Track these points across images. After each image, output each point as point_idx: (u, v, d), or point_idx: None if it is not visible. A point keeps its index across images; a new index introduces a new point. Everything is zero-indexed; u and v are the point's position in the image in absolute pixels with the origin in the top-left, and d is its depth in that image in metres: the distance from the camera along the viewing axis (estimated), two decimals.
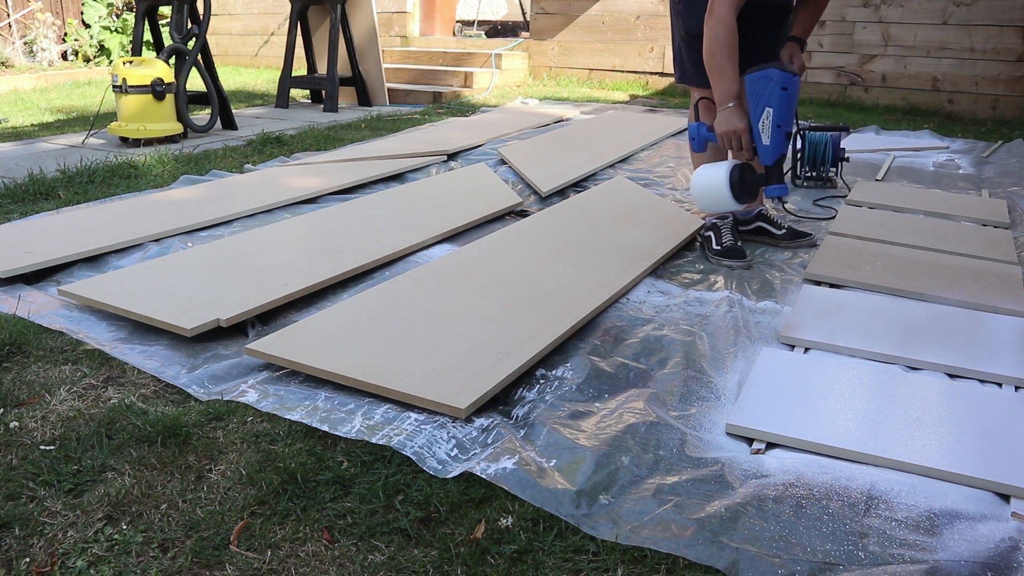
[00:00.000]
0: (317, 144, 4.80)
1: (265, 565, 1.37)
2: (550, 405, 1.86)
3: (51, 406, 1.82)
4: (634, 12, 7.54)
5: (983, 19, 6.05)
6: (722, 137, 2.53)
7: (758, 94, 2.42)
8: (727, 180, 2.50)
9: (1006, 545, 1.41)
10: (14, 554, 1.38)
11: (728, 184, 2.49)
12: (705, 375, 2.04)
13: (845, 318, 2.31)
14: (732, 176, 2.50)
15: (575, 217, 3.18)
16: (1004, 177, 4.27)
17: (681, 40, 2.92)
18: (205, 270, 2.52)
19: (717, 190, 2.52)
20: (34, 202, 3.44)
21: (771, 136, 2.43)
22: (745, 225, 3.12)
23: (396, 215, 3.19)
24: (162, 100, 4.70)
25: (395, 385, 1.84)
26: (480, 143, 4.78)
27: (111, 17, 9.61)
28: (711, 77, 2.56)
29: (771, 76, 2.39)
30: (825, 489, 1.57)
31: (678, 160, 4.51)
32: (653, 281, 2.66)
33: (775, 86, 2.39)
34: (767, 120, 2.41)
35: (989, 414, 1.80)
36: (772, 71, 2.39)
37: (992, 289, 2.55)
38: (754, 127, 2.46)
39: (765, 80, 2.40)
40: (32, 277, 2.61)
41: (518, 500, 1.52)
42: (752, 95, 2.44)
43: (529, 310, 2.26)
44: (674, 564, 1.38)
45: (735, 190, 2.50)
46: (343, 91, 6.70)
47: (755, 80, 2.42)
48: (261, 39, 9.59)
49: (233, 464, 1.63)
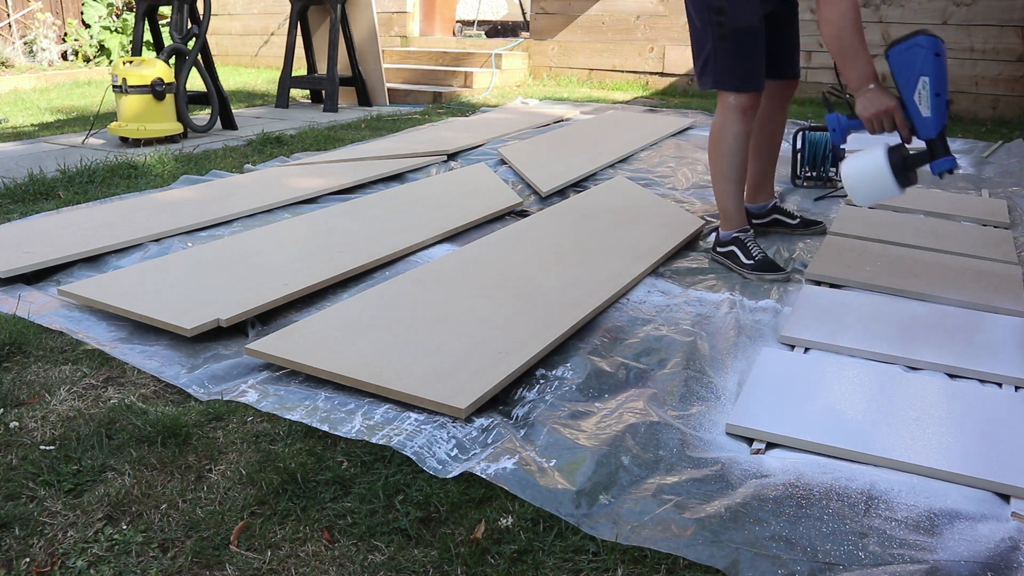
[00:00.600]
0: (317, 144, 4.80)
1: (265, 565, 1.37)
2: (550, 405, 1.86)
3: (51, 406, 1.82)
4: (634, 12, 7.54)
5: (983, 19, 6.05)
6: (871, 120, 2.33)
7: (909, 64, 2.24)
8: (888, 165, 2.28)
9: (1006, 545, 1.41)
10: (14, 554, 1.38)
11: (890, 169, 2.29)
12: (705, 375, 2.04)
13: (845, 318, 2.31)
14: (893, 159, 2.28)
15: (575, 217, 3.18)
16: (1004, 177, 4.27)
17: (718, 41, 2.64)
18: (205, 270, 2.52)
19: (878, 178, 2.31)
20: (34, 202, 3.44)
21: (931, 106, 2.25)
22: (761, 218, 3.14)
23: (396, 215, 3.19)
24: (162, 100, 4.70)
25: (395, 385, 1.84)
26: (480, 143, 4.78)
27: (111, 17, 9.61)
28: (842, 60, 2.36)
29: (921, 43, 2.22)
30: (825, 489, 1.57)
31: (678, 160, 4.51)
32: (653, 281, 2.66)
33: (928, 52, 2.22)
34: (924, 90, 2.24)
35: (989, 414, 1.80)
36: (920, 38, 2.22)
37: (992, 289, 2.54)
38: (908, 101, 2.27)
39: (916, 48, 2.23)
40: (32, 277, 2.61)
41: (518, 500, 1.52)
42: (902, 67, 2.26)
43: (529, 310, 2.26)
44: (674, 564, 1.38)
45: (898, 174, 2.29)
46: (343, 91, 6.70)
47: (904, 51, 2.25)
48: (261, 39, 9.59)
49: (233, 464, 1.63)
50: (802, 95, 6.70)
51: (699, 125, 5.66)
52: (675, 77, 7.44)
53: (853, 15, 2.33)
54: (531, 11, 8.12)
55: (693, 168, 4.31)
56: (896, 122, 2.31)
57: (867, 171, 2.33)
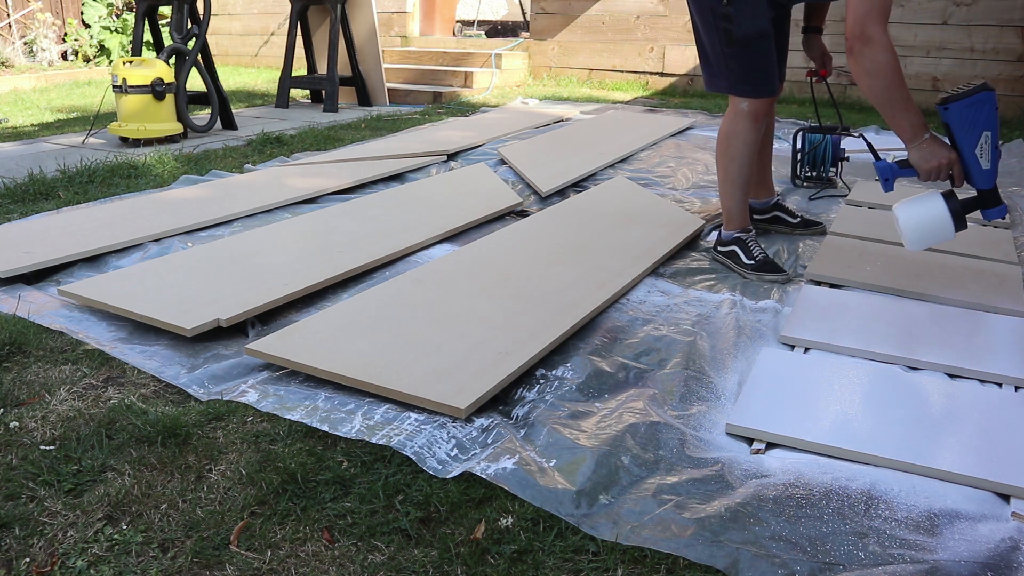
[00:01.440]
0: (317, 144, 4.80)
1: (265, 565, 1.37)
2: (550, 405, 1.86)
3: (51, 406, 1.82)
4: (634, 12, 7.55)
5: (983, 19, 6.05)
6: (930, 171, 2.31)
7: (973, 119, 2.28)
8: (949, 213, 2.31)
9: (1006, 545, 1.41)
10: (14, 554, 1.38)
11: (952, 217, 2.32)
12: (705, 375, 2.04)
13: (845, 318, 2.31)
14: (953, 207, 2.31)
15: (575, 217, 3.18)
16: (1004, 177, 4.27)
17: (724, 47, 2.61)
18: (205, 270, 2.52)
19: (939, 224, 2.33)
20: (34, 202, 3.44)
21: (991, 159, 2.31)
22: (762, 214, 3.14)
23: (396, 215, 3.19)
24: (162, 100, 4.70)
25: (395, 385, 1.84)
26: (480, 143, 4.78)
27: (111, 17, 9.61)
28: (892, 112, 2.30)
29: (987, 100, 2.25)
30: (825, 489, 1.57)
31: (678, 160, 4.51)
32: (653, 281, 2.66)
33: (992, 109, 2.26)
34: (986, 144, 2.29)
35: (989, 414, 1.80)
36: (984, 95, 2.25)
37: (992, 289, 2.55)
38: (968, 154, 2.31)
39: (982, 104, 2.26)
40: (32, 277, 2.61)
41: (518, 500, 1.52)
42: (965, 121, 2.29)
43: (529, 310, 2.26)
44: (674, 564, 1.38)
45: (958, 220, 2.34)
46: (343, 91, 6.70)
47: (969, 106, 2.27)
48: (261, 39, 9.59)
49: (233, 464, 1.63)
50: (802, 95, 6.71)
51: (699, 125, 5.66)
52: (675, 77, 7.44)
53: (895, 64, 2.25)
54: (531, 11, 8.13)
55: (693, 168, 4.31)
56: (954, 173, 2.31)
57: (928, 218, 2.34)
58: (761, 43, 2.58)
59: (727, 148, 2.73)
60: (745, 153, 2.71)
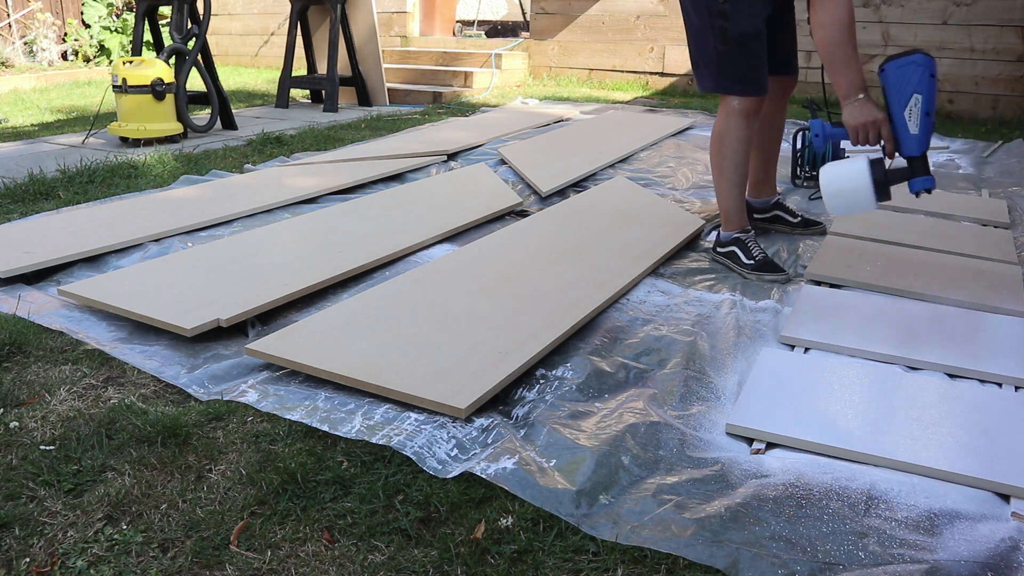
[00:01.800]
0: (317, 144, 4.80)
1: (265, 565, 1.37)
2: (550, 405, 1.86)
3: (51, 406, 1.82)
4: (634, 12, 7.54)
5: (983, 19, 6.05)
6: (857, 130, 2.33)
7: (904, 81, 2.26)
8: (870, 178, 2.27)
9: (1006, 545, 1.41)
10: (14, 554, 1.38)
11: (872, 182, 2.28)
12: (705, 375, 2.04)
13: (845, 318, 2.31)
14: (875, 173, 2.27)
15: (575, 217, 3.18)
16: (1004, 177, 4.27)
17: (718, 45, 2.62)
18: (205, 270, 2.52)
19: (858, 189, 2.29)
20: (34, 202, 3.44)
21: (920, 124, 2.27)
22: (763, 213, 3.14)
23: (396, 215, 3.19)
24: (162, 100, 4.70)
25: (395, 385, 1.84)
26: (480, 143, 4.78)
27: (111, 17, 9.61)
28: (833, 66, 2.34)
29: (919, 62, 2.24)
30: (825, 489, 1.57)
31: (678, 160, 4.51)
32: (653, 281, 2.66)
33: (924, 71, 2.24)
34: (915, 107, 2.26)
35: (989, 414, 1.80)
36: (918, 56, 2.24)
37: (992, 289, 2.55)
38: (898, 117, 2.29)
39: (913, 66, 2.24)
40: (32, 277, 2.61)
41: (518, 500, 1.52)
42: (897, 83, 2.27)
43: (529, 310, 2.26)
44: (674, 564, 1.38)
45: (879, 188, 2.28)
46: (343, 91, 6.70)
47: (900, 67, 2.26)
48: (261, 39, 9.59)
49: (233, 464, 1.63)
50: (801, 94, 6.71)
51: (699, 125, 5.66)
52: (675, 77, 7.44)
53: (849, 21, 2.31)
54: (531, 11, 8.12)
55: (693, 168, 4.31)
56: (882, 135, 2.31)
57: (848, 181, 2.31)
58: (755, 42, 2.60)
59: (720, 146, 2.74)
60: (739, 151, 2.71)
